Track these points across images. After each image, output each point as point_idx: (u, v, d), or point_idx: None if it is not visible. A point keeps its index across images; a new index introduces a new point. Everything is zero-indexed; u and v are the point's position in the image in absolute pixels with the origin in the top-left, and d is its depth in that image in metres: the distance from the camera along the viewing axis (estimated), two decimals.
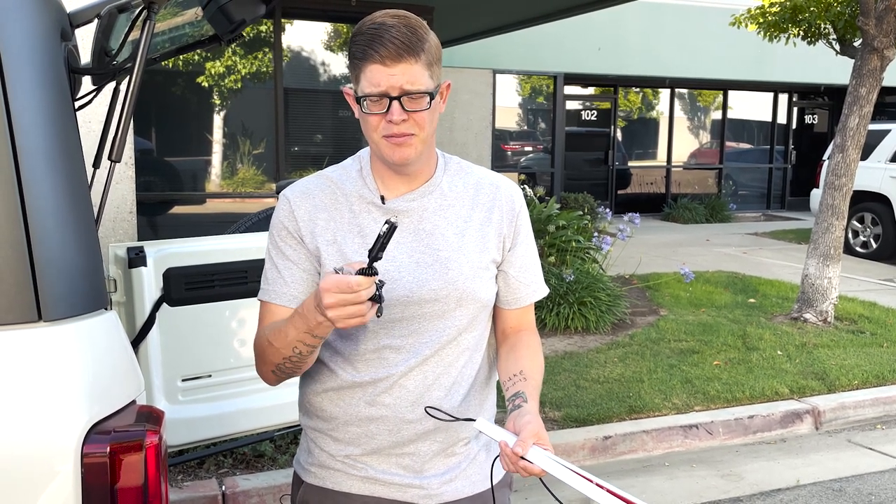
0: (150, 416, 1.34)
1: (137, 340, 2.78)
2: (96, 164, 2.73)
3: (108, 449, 1.24)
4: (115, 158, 2.49)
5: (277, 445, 3.90)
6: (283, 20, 7.68)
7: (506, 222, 1.58)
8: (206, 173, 8.09)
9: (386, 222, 1.27)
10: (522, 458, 1.33)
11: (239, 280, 2.93)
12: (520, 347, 1.58)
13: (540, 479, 1.38)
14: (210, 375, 2.95)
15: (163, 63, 7.82)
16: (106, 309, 1.40)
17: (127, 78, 2.13)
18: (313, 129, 8.40)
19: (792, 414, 4.85)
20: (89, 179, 2.83)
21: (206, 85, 7.82)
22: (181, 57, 7.70)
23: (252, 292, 3.02)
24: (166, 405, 2.87)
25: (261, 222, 3.60)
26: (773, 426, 4.79)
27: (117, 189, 5.62)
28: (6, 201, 1.25)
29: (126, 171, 5.66)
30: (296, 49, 8.15)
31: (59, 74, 1.38)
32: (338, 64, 8.47)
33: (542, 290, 1.66)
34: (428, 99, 1.40)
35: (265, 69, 7.80)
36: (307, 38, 8.25)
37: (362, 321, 1.29)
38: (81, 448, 1.22)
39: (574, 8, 8.18)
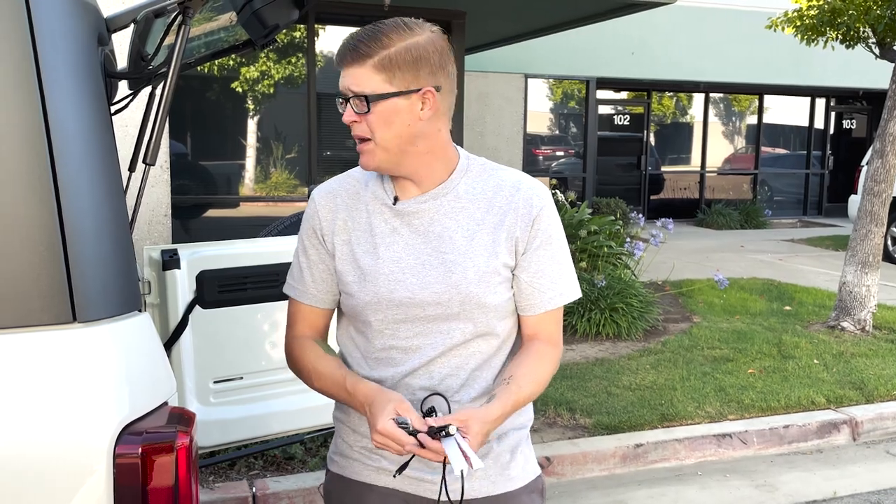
0: (182, 418, 1.34)
1: (170, 342, 2.80)
2: (132, 168, 2.77)
3: (140, 450, 1.25)
4: (149, 161, 2.58)
5: (308, 448, 3.92)
6: (316, 25, 7.73)
7: (520, 225, 1.52)
8: (239, 177, 8.17)
9: (428, 397, 1.48)
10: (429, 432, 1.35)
11: (270, 283, 2.94)
12: (523, 354, 1.56)
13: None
14: (242, 377, 2.96)
15: (198, 68, 7.91)
16: (140, 311, 1.41)
17: (162, 82, 2.18)
18: (345, 134, 8.44)
19: (829, 424, 4.76)
20: (125, 183, 2.88)
21: (241, 90, 7.90)
22: (216, 62, 7.79)
23: (284, 295, 3.07)
24: (198, 407, 2.89)
25: (292, 226, 3.63)
26: (810, 436, 4.70)
27: (152, 192, 5.69)
28: (42, 203, 1.26)
29: (161, 174, 5.73)
30: (328, 54, 8.21)
31: (95, 78, 1.40)
32: None
33: (562, 298, 1.56)
34: (370, 101, 1.41)
35: (298, 74, 7.86)
36: (340, 43, 8.27)
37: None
38: (114, 449, 1.23)
39: (606, 13, 8.14)
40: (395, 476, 1.50)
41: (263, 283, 2.93)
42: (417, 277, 1.50)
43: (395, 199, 1.53)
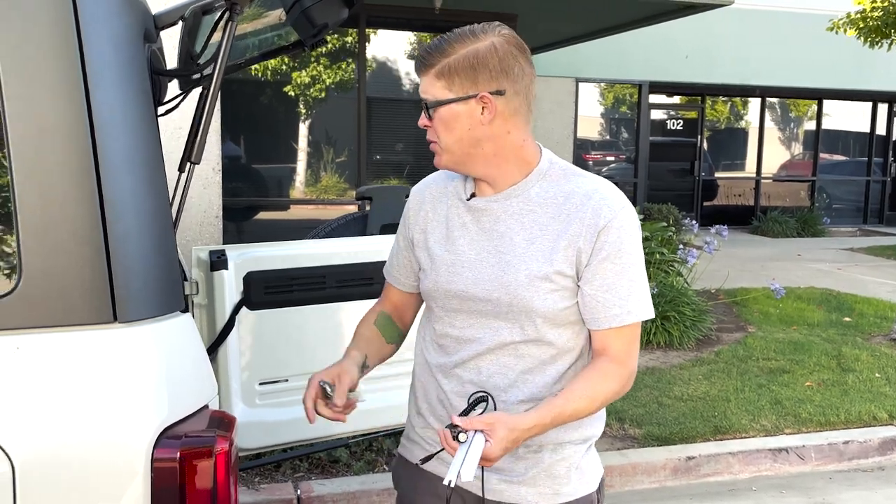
0: (222, 422, 1.31)
1: (217, 343, 2.80)
2: (182, 168, 2.78)
3: (179, 454, 1.22)
4: (194, 160, 2.52)
5: (353, 452, 3.89)
6: (367, 30, 7.75)
7: (584, 235, 1.49)
8: (290, 180, 8.23)
9: (476, 393, 1.51)
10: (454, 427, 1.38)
11: (317, 285, 2.92)
12: (586, 369, 1.53)
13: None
14: (287, 380, 2.94)
15: (252, 71, 8.03)
16: (182, 311, 1.39)
17: (208, 81, 2.18)
18: (395, 138, 8.45)
19: (891, 441, 4.56)
20: (177, 183, 2.89)
21: (293, 94, 7.96)
22: (268, 66, 7.86)
23: (330, 297, 3.08)
24: (244, 408, 2.88)
25: (339, 228, 3.61)
26: (871, 453, 4.52)
27: (204, 194, 5.74)
28: (86, 202, 1.25)
29: (213, 176, 5.79)
30: (380, 58, 8.22)
31: (141, 76, 1.38)
32: None
33: (630, 317, 1.51)
34: (430, 108, 1.49)
35: (349, 78, 7.89)
36: (391, 47, 8.30)
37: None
38: (152, 452, 1.21)
39: (661, 15, 7.99)
40: (419, 464, 1.59)
41: (310, 285, 2.92)
42: (473, 272, 1.55)
43: (471, 196, 1.59)
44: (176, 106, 2.75)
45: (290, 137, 8.17)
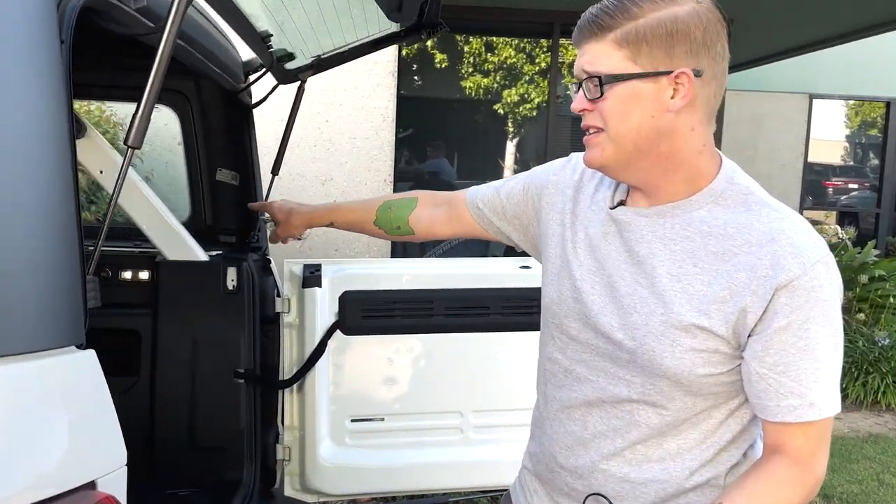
0: None
1: (305, 369, 2.46)
2: (275, 171, 2.50)
3: None
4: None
5: None
6: (560, 39, 7.29)
7: (752, 290, 1.13)
8: None
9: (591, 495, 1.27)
10: None
11: (423, 311, 2.50)
12: (753, 471, 1.20)
13: None
14: (383, 419, 2.55)
15: (468, 91, 7.90)
16: (80, 347, 1.01)
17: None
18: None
19: None
20: (266, 187, 2.61)
21: (502, 112, 7.69)
22: (481, 85, 7.67)
23: (437, 327, 2.65)
24: (331, 447, 2.52)
25: (459, 246, 3.16)
26: None
27: None
28: None
29: (384, 188, 5.60)
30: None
31: (37, 64, 1.03)
32: None
33: (813, 412, 1.15)
34: (605, 83, 1.16)
35: (542, 98, 7.47)
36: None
37: None
38: None
39: None
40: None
41: (415, 311, 2.50)
42: (601, 298, 1.26)
43: (620, 203, 1.29)
44: (262, 101, 2.49)
45: (496, 155, 7.87)
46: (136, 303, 2.48)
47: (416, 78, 7.69)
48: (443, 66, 7.69)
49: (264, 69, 2.21)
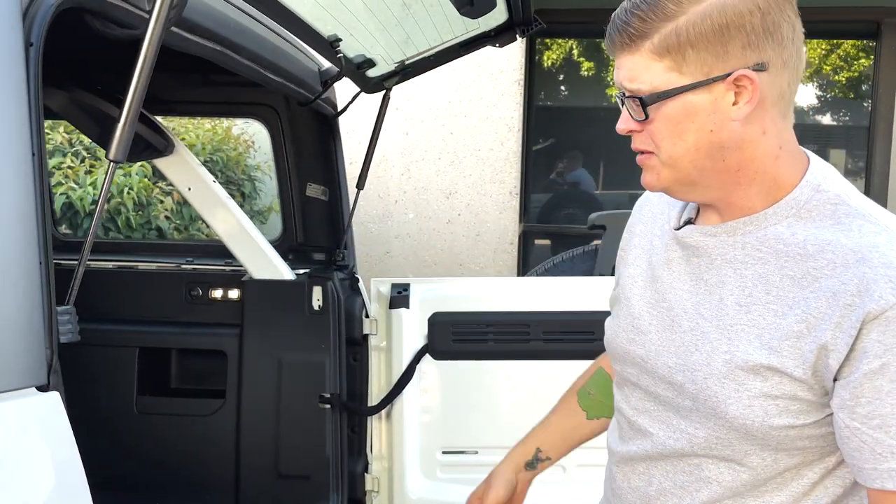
0: None
1: (392, 395, 2.31)
2: (360, 185, 2.38)
3: None
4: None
5: None
6: None
7: (834, 323, 0.92)
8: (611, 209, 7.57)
9: None
10: None
11: (519, 335, 2.29)
12: None
13: None
14: (477, 452, 2.36)
15: (613, 99, 7.59)
16: (42, 389, 0.89)
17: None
18: None
19: None
20: (352, 200, 2.49)
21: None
22: (606, 93, 7.36)
23: (535, 353, 2.42)
24: (421, 480, 2.35)
25: (561, 265, 2.91)
26: None
27: (500, 219, 5.41)
28: None
29: (510, 200, 5.41)
30: None
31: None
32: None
33: None
34: (648, 103, 0.97)
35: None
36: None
37: None
38: None
39: None
40: None
41: (510, 335, 2.30)
42: (660, 335, 1.08)
43: (688, 221, 1.09)
44: (343, 110, 2.38)
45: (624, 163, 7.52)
46: (224, 322, 2.42)
47: (555, 87, 7.46)
48: (589, 73, 7.42)
49: (339, 76, 2.09)
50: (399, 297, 2.33)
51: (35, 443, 0.90)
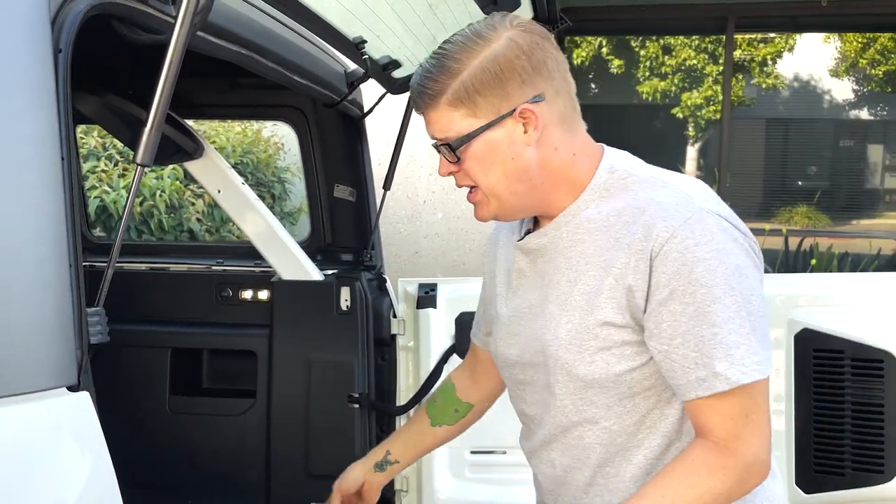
0: None
1: (420, 395, 2.32)
2: (386, 186, 2.39)
3: None
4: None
5: None
6: (735, 35, 6.76)
7: (633, 268, 1.11)
8: None
9: None
10: None
11: None
12: (673, 461, 1.15)
13: None
14: (505, 452, 2.36)
15: (645, 96, 7.58)
16: (72, 389, 0.91)
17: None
18: (759, 159, 7.27)
19: None
20: (379, 201, 2.50)
21: (681, 116, 7.30)
22: (658, 89, 7.32)
23: None
24: (450, 480, 2.36)
25: None
26: None
27: None
28: None
29: None
30: (751, 70, 7.14)
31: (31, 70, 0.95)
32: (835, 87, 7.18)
33: (719, 382, 1.08)
34: (456, 147, 1.16)
35: (714, 94, 6.97)
36: (768, 54, 7.17)
37: None
38: None
39: None
40: None
41: None
42: (526, 330, 1.26)
43: (528, 232, 1.27)
44: (370, 111, 2.38)
45: (678, 162, 7.46)
46: (254, 323, 2.45)
47: (591, 85, 7.44)
48: (618, 71, 7.39)
49: (365, 77, 2.10)
50: (426, 297, 2.34)
51: (66, 442, 0.92)
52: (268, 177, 4.94)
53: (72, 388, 0.93)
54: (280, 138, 5.20)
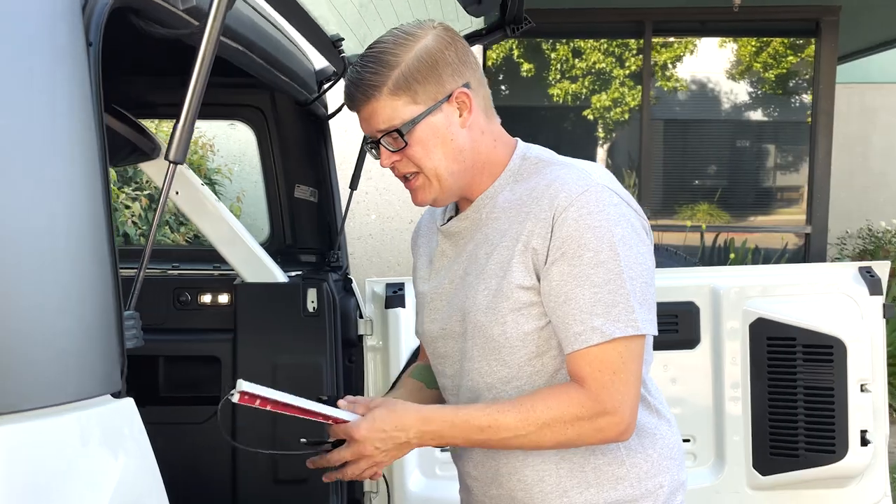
0: None
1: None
2: (353, 186, 2.37)
3: None
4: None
5: None
6: (654, 39, 6.98)
7: (538, 231, 1.25)
8: None
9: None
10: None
11: None
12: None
13: None
14: None
15: (560, 97, 7.68)
16: (116, 396, 0.88)
17: None
18: (686, 159, 7.53)
19: None
20: (345, 202, 2.48)
21: (591, 118, 7.45)
22: (570, 90, 7.45)
23: None
24: (421, 479, 2.36)
25: None
26: None
27: None
28: None
29: None
30: (672, 72, 7.39)
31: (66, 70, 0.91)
32: (734, 89, 7.48)
33: (596, 335, 1.19)
34: (404, 132, 1.26)
35: (634, 100, 7.18)
36: (681, 57, 7.43)
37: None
38: None
39: None
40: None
41: None
42: (448, 304, 1.36)
43: (449, 220, 1.40)
44: (337, 110, 2.36)
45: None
46: (216, 328, 2.38)
47: (501, 87, 7.52)
48: (529, 74, 7.50)
49: (337, 77, 2.08)
50: (395, 296, 2.33)
51: (116, 449, 0.88)
52: (200, 178, 4.81)
53: (115, 395, 0.90)
54: (210, 139, 5.07)
